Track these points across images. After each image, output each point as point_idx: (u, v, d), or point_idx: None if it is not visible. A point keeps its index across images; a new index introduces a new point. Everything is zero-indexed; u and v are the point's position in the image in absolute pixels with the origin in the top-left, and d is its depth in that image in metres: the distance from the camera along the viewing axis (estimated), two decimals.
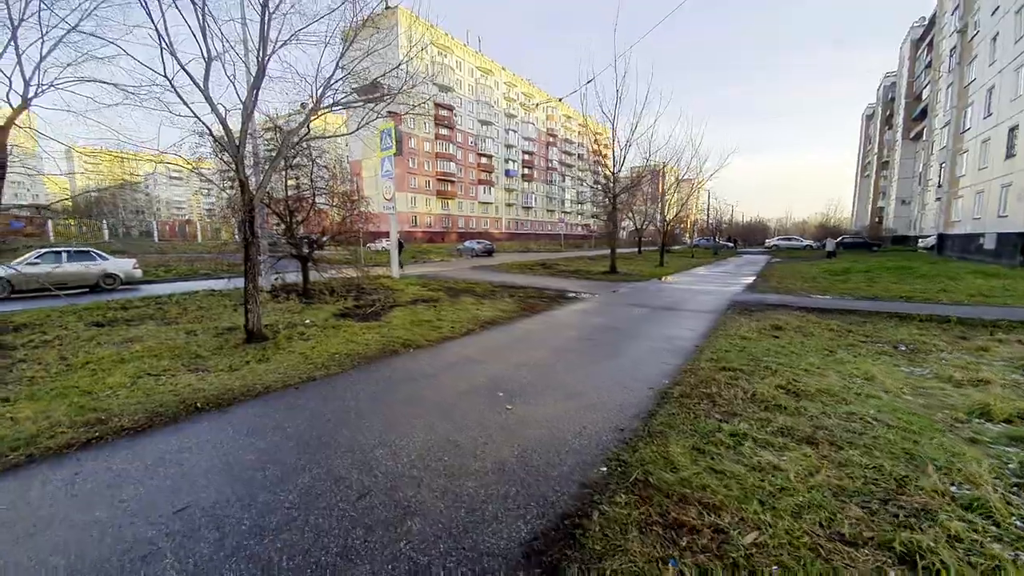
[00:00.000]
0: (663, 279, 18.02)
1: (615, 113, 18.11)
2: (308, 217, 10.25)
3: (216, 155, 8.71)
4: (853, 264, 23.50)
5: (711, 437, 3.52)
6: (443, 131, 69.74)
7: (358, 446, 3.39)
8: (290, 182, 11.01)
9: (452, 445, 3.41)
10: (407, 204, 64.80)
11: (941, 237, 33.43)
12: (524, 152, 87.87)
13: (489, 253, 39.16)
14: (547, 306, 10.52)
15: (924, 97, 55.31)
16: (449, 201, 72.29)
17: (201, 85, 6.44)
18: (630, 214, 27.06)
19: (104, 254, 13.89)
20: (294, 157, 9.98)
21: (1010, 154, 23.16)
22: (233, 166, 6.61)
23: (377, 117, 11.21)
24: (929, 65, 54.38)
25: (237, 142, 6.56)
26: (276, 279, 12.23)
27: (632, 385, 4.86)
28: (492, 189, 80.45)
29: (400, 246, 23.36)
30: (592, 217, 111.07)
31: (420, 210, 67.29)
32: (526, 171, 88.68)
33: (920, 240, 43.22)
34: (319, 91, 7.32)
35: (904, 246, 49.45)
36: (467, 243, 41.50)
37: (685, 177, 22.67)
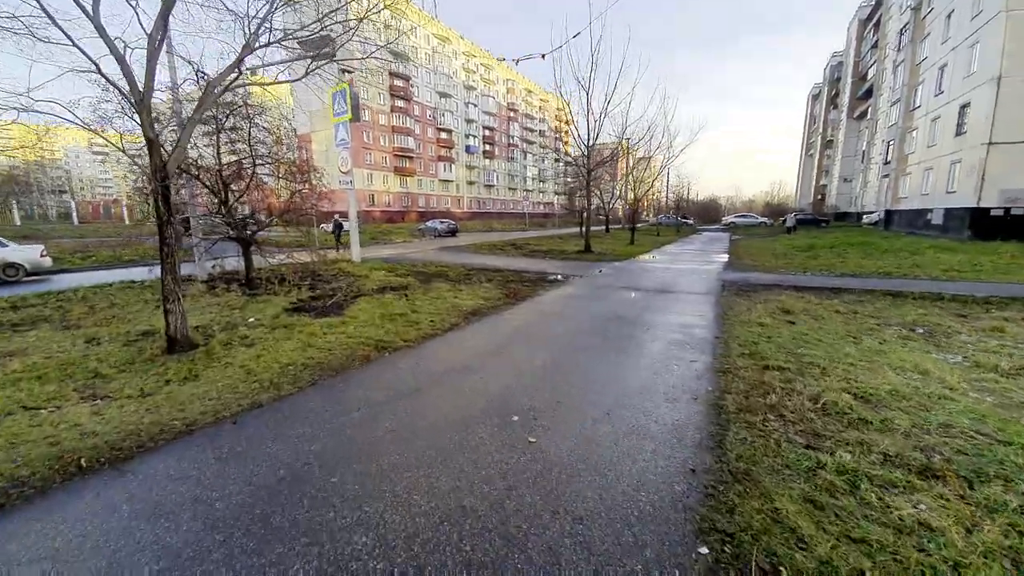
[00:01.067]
0: (639, 257, 17.41)
1: (590, 80, 16.97)
2: (248, 190, 8.55)
3: (125, 113, 6.88)
4: (814, 240, 23.94)
5: (815, 478, 2.63)
6: (399, 103, 65.89)
7: (326, 531, 2.23)
8: (227, 148, 9.17)
9: (467, 518, 2.32)
10: (364, 181, 61.21)
11: (888, 213, 35.02)
12: (485, 127, 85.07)
13: (453, 233, 37.51)
14: (532, 291, 9.48)
15: (870, 77, 57.46)
16: (408, 179, 69.05)
17: (90, 11, 4.76)
18: (597, 192, 26.32)
19: (3, 240, 11.45)
20: (227, 117, 8.21)
21: (960, 131, 24.01)
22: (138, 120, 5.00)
23: (328, 62, 9.55)
24: (875, 45, 56.35)
25: (142, 88, 4.94)
26: (214, 266, 10.46)
27: (672, 394, 3.93)
28: (453, 166, 77.62)
29: (339, 227, 21.30)
30: (556, 195, 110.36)
31: (378, 188, 63.87)
32: (487, 147, 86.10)
33: (864, 216, 45.39)
34: (253, 27, 5.71)
35: (846, 222, 51.93)
36: (430, 223, 39.57)
37: (656, 153, 22.09)
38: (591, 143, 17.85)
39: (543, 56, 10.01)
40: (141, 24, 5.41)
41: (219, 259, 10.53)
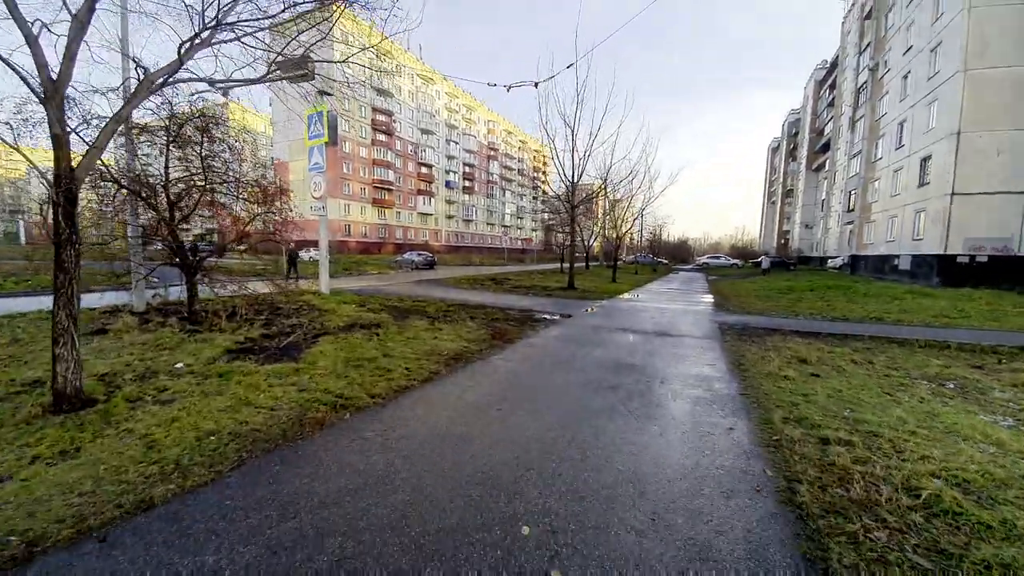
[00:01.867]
0: (624, 296, 16.81)
1: (576, 118, 16.84)
2: (194, 210, 7.40)
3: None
4: (790, 283, 24.10)
5: None
6: (381, 136, 66.09)
7: None
8: (183, 164, 8.05)
9: None
10: (340, 211, 60.06)
11: (854, 258, 36.22)
12: (465, 164, 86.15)
13: (431, 266, 36.52)
14: (520, 331, 8.52)
15: (826, 132, 61.58)
16: (386, 210, 68.31)
17: None
18: (578, 229, 26.15)
19: None
20: (179, 128, 7.18)
21: (923, 182, 25.14)
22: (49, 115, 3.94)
23: (302, 81, 8.77)
24: (831, 104, 60.75)
25: (55, 76, 3.93)
26: (154, 295, 9.10)
27: (726, 483, 2.98)
28: (432, 200, 77.58)
29: (293, 258, 19.51)
30: (533, 231, 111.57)
31: (354, 218, 62.77)
32: (467, 183, 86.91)
33: (829, 260, 47.04)
34: (204, 17, 4.83)
35: (810, 266, 53.78)
36: (407, 254, 38.53)
37: (638, 192, 22.12)
38: (576, 180, 17.54)
39: (535, 84, 9.58)
40: (66, 4, 4.48)
41: (161, 287, 9.20)
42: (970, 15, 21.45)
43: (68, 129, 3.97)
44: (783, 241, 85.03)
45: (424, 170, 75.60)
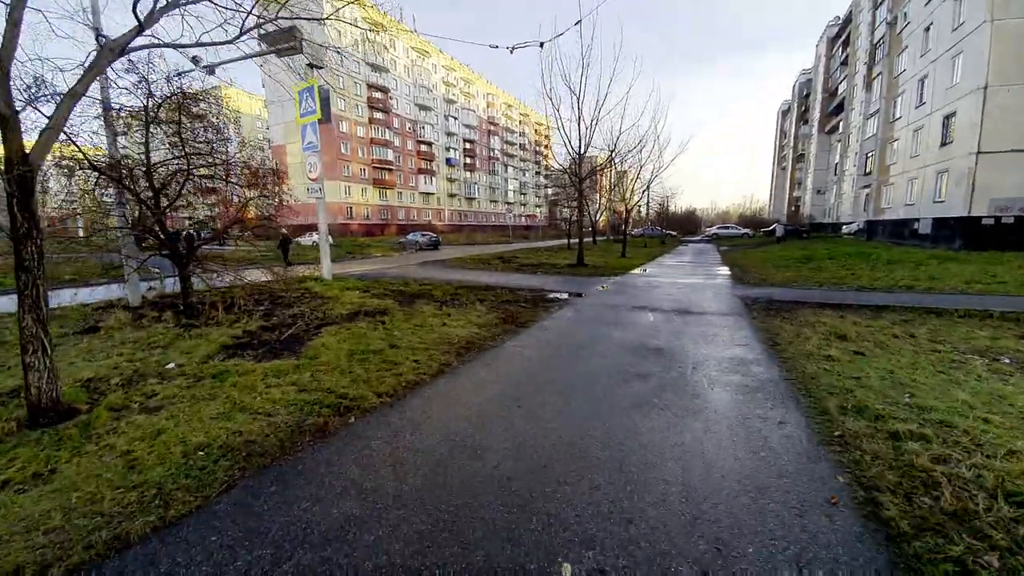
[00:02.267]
0: (636, 271, 16.27)
1: (582, 83, 15.94)
2: (179, 196, 6.91)
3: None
4: (807, 251, 23.33)
5: None
6: (378, 115, 64.50)
7: None
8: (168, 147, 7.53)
9: None
10: (341, 194, 59.29)
11: (871, 223, 35.14)
12: (466, 140, 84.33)
13: (435, 246, 36.02)
14: (533, 313, 8.07)
15: (839, 92, 59.19)
16: (388, 191, 67.35)
17: None
18: (585, 202, 25.33)
19: None
20: (157, 108, 6.62)
21: (946, 141, 23.96)
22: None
23: (292, 54, 8.14)
24: (845, 62, 58.10)
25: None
26: (149, 288, 8.73)
27: (795, 493, 2.55)
28: (433, 179, 76.33)
29: (286, 244, 18.83)
30: (537, 207, 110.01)
31: (355, 200, 61.95)
32: (468, 160, 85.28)
33: (843, 227, 45.85)
34: None
35: (823, 233, 52.52)
36: (411, 235, 37.97)
37: (647, 163, 21.26)
38: (582, 151, 16.75)
39: (541, 45, 8.83)
40: None
41: (157, 279, 8.82)
42: None
43: (17, 108, 3.46)
44: (794, 208, 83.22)
45: (424, 148, 74.10)
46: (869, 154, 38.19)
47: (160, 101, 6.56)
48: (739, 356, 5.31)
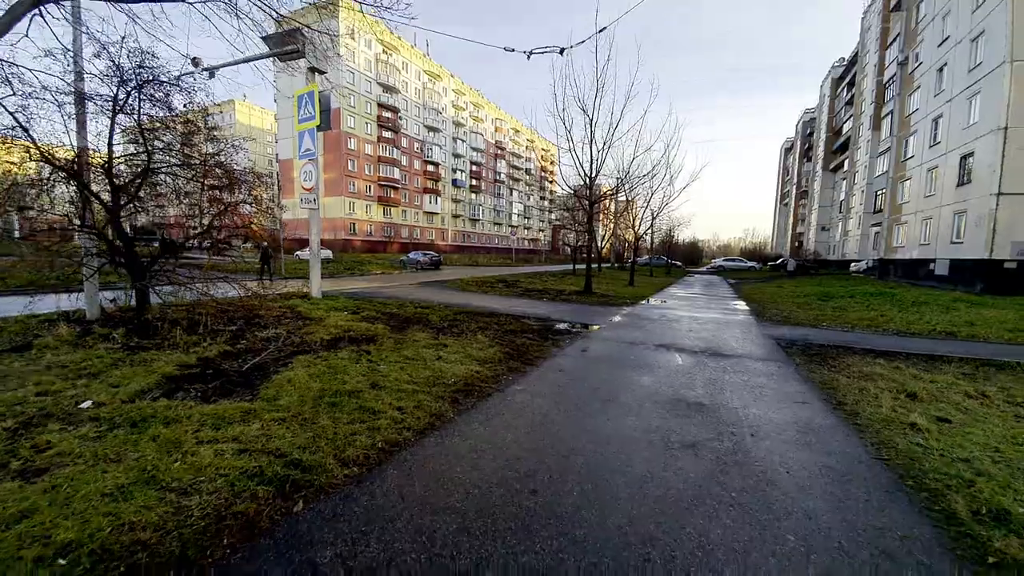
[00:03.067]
0: (648, 301, 15.30)
1: (595, 105, 15.34)
2: (136, 195, 5.99)
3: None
4: (824, 287, 22.42)
5: None
6: (387, 134, 64.94)
7: None
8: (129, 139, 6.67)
9: None
10: (345, 209, 59.06)
11: (882, 262, 34.38)
12: (472, 163, 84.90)
13: (436, 266, 35.23)
14: (542, 348, 7.05)
15: (844, 131, 59.72)
16: (392, 209, 67.18)
17: None
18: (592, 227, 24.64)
19: None
20: (128, 97, 5.79)
21: (963, 181, 23.41)
22: None
23: (295, 57, 7.40)
24: (850, 102, 58.85)
25: None
26: (114, 299, 7.74)
27: None
28: (438, 199, 76.34)
29: (267, 255, 18.50)
30: (540, 231, 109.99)
31: (359, 217, 61.66)
32: (474, 182, 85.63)
33: (852, 265, 45.13)
34: None
35: (830, 270, 51.73)
36: (412, 254, 37.23)
37: (657, 189, 20.64)
38: (594, 174, 16.06)
39: (561, 51, 8.11)
40: None
41: (122, 288, 7.83)
42: (1015, 1, 19.76)
43: None
44: (797, 244, 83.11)
45: (431, 168, 74.40)
46: (879, 192, 37.85)
47: (129, 90, 5.73)
48: (803, 420, 4.27)
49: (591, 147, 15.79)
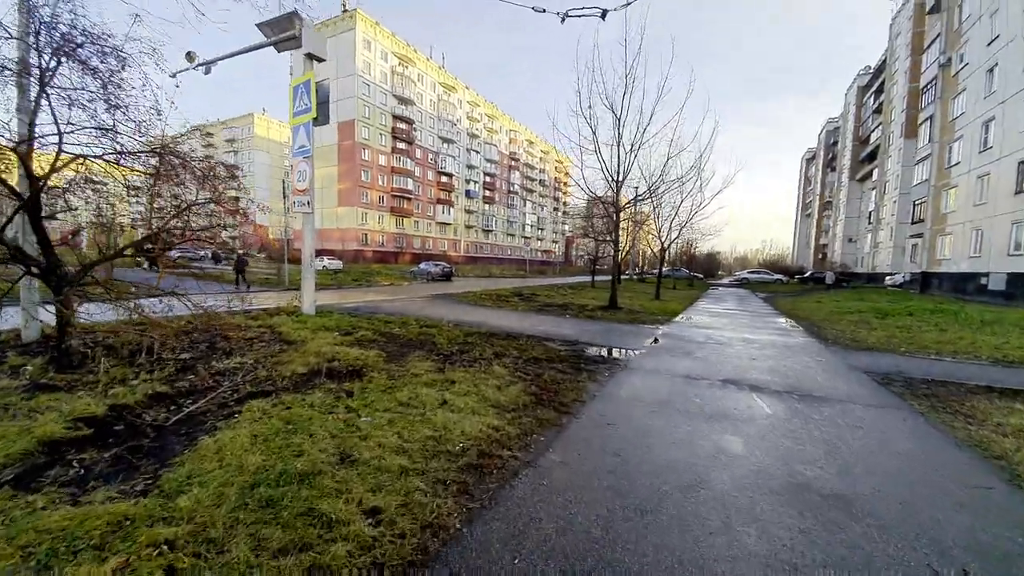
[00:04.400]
0: (682, 319, 13.60)
1: (624, 103, 13.90)
2: (44, 184, 4.64)
3: None
4: (872, 303, 20.34)
5: None
6: (401, 145, 64.56)
7: None
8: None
9: None
10: (357, 220, 58.45)
11: (925, 276, 31.98)
12: (486, 174, 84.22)
13: (448, 277, 33.95)
14: (575, 385, 5.47)
15: (872, 140, 57.45)
16: (404, 219, 66.49)
17: None
18: (608, 238, 23.00)
19: None
20: (55, 58, 4.50)
21: (1022, 188, 21.32)
22: None
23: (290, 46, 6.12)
24: (878, 110, 56.65)
25: None
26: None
27: None
28: (451, 209, 75.60)
29: (241, 267, 18.31)
30: (554, 243, 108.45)
31: (372, 227, 61.00)
32: (487, 193, 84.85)
33: (887, 278, 42.56)
34: None
35: (859, 283, 49.10)
36: (423, 265, 36.05)
37: (687, 196, 19.00)
38: (621, 178, 14.55)
39: (603, 14, 6.66)
40: None
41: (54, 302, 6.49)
42: None
43: None
44: (821, 256, 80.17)
45: (444, 179, 73.79)
46: (918, 202, 35.53)
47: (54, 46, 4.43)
48: (955, 521, 2.61)
49: (618, 149, 14.32)
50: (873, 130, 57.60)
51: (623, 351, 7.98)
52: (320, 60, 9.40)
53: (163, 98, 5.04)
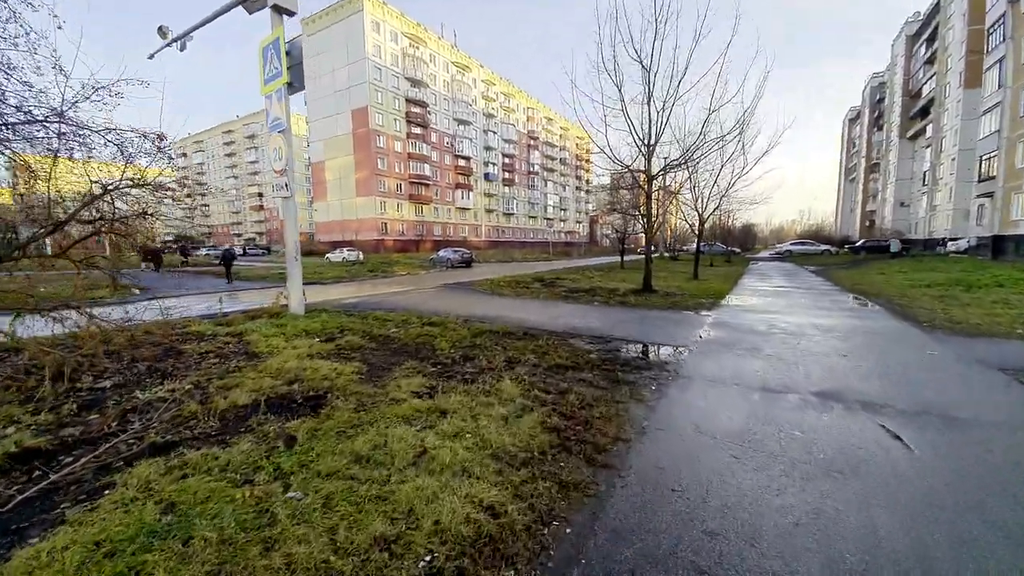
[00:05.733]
0: (729, 302, 11.77)
1: (653, 54, 11.91)
2: None
3: None
4: (948, 273, 17.73)
5: None
6: (416, 130, 63.06)
7: None
8: None
9: None
10: (376, 209, 57.69)
11: (998, 240, 28.47)
12: (504, 155, 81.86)
13: (467, 264, 32.64)
14: (613, 411, 3.96)
15: (924, 93, 52.16)
16: (424, 207, 65.39)
17: None
18: (637, 213, 20.97)
19: None
20: None
21: None
22: None
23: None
24: (931, 60, 51.20)
25: None
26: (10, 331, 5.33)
27: None
28: (471, 194, 73.99)
29: (229, 259, 17.98)
30: (578, 223, 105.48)
31: (391, 216, 60.21)
32: (506, 175, 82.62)
33: (950, 243, 38.60)
34: None
35: (914, 249, 45.02)
36: (441, 252, 34.85)
37: (728, 160, 16.77)
38: (653, 140, 12.65)
39: None
40: None
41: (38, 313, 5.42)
42: None
43: None
44: (868, 223, 74.74)
45: (461, 163, 72.05)
46: (986, 157, 31.56)
47: None
48: None
49: (648, 107, 12.39)
50: (925, 82, 52.35)
51: (669, 349, 6.40)
52: (290, 14, 7.95)
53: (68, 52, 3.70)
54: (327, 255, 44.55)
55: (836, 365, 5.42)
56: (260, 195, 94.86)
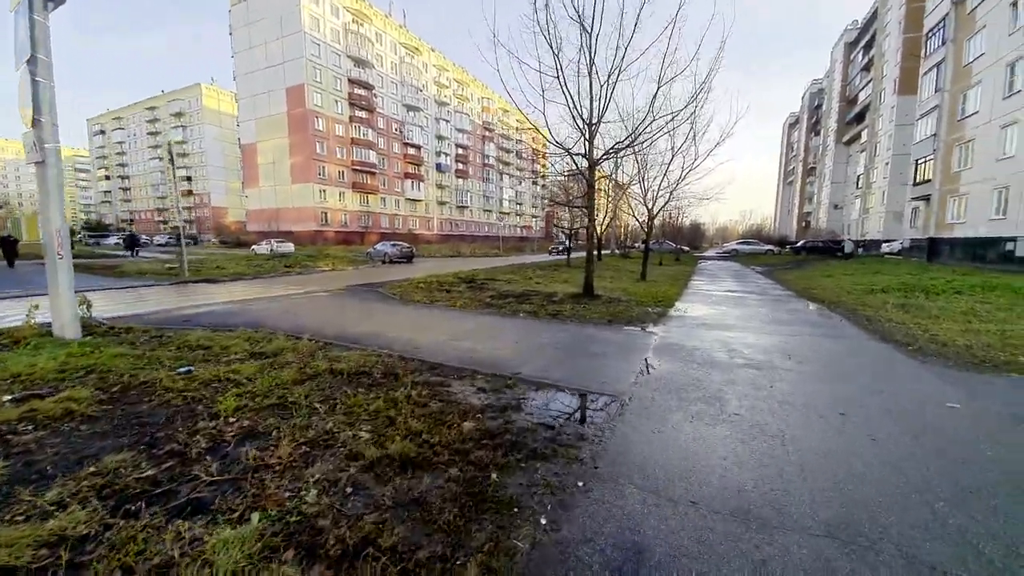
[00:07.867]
0: (681, 309, 10.04)
1: (597, 12, 9.89)
2: None
3: None
4: (898, 277, 17.16)
5: None
6: (360, 113, 58.65)
7: None
8: None
9: None
10: (315, 197, 53.09)
11: (933, 242, 29.19)
12: (458, 145, 78.63)
13: (408, 259, 29.83)
14: None
15: (860, 99, 54.27)
16: (370, 196, 61.22)
17: None
18: (582, 211, 19.27)
19: None
20: None
21: None
22: None
23: None
24: (867, 67, 53.28)
25: None
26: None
27: None
28: (422, 185, 70.36)
29: (132, 241, 14.69)
30: (534, 218, 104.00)
31: (332, 205, 55.71)
32: (460, 167, 79.49)
33: (884, 245, 40.03)
34: None
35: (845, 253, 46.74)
36: (379, 246, 31.78)
37: (678, 152, 15.22)
38: (595, 120, 10.65)
39: None
40: None
41: None
42: None
43: None
44: (804, 224, 78.21)
45: (411, 151, 68.18)
46: (922, 160, 32.41)
47: None
48: None
49: (590, 78, 10.35)
50: (862, 88, 54.45)
51: (595, 400, 4.32)
52: None
53: None
54: (253, 247, 40.14)
55: (837, 443, 3.51)
56: (188, 179, 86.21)
